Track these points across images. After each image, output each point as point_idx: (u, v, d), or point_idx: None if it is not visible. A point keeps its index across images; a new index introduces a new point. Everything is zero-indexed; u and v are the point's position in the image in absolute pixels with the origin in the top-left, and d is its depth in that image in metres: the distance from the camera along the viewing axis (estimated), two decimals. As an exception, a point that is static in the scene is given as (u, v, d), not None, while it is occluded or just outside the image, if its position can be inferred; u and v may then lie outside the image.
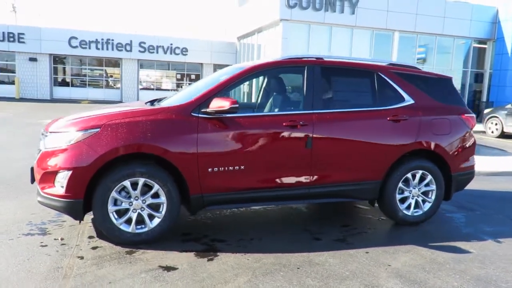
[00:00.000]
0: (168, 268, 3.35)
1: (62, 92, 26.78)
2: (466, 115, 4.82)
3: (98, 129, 3.66)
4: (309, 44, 19.81)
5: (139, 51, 26.51)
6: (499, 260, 3.79)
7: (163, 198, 3.80)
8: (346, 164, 4.29)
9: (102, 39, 25.85)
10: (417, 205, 4.64)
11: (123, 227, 3.75)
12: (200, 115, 3.86)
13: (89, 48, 25.65)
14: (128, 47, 26.31)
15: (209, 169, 3.86)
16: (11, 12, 66.60)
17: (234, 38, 27.50)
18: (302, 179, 4.15)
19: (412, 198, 4.60)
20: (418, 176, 4.57)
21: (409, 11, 20.32)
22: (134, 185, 3.74)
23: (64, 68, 27.42)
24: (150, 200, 3.79)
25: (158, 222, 3.82)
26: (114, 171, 3.66)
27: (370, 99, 4.52)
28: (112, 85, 28.12)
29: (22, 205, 4.78)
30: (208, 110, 3.86)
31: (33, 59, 25.31)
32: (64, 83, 27.31)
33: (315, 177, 4.18)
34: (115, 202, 3.72)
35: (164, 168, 3.80)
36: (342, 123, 4.25)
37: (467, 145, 4.82)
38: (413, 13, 20.41)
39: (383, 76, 4.55)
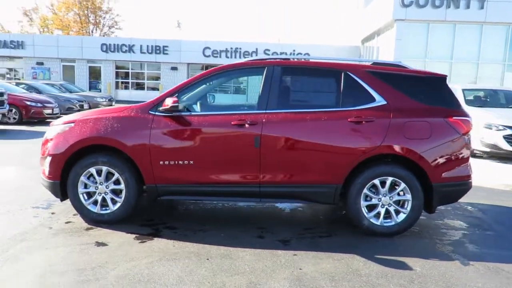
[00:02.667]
0: (100, 244, 3.87)
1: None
2: (455, 118, 4.22)
3: (73, 124, 4.40)
4: (428, 44, 18.33)
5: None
6: (434, 282, 3.32)
7: (122, 185, 4.34)
8: (298, 165, 4.22)
9: (231, 48, 28.04)
10: (389, 215, 4.27)
11: (90, 207, 4.41)
12: (156, 113, 4.30)
13: (220, 57, 28.08)
14: (254, 55, 27.97)
15: (161, 162, 4.27)
16: (176, 27, 75.67)
17: (358, 42, 26.90)
18: (252, 177, 4.24)
19: (382, 207, 4.25)
20: (388, 183, 4.20)
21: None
22: (100, 172, 4.37)
23: (200, 76, 30.50)
24: (112, 186, 4.37)
25: (118, 206, 4.38)
26: (83, 159, 4.35)
27: (333, 100, 4.33)
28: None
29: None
30: (160, 108, 4.28)
31: (174, 68, 28.90)
32: (198, 89, 30.40)
33: (265, 176, 4.23)
34: (85, 186, 4.40)
35: (123, 159, 4.34)
36: (294, 123, 4.20)
37: (455, 152, 4.22)
38: None
39: (352, 76, 4.31)
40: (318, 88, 4.57)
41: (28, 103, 13.87)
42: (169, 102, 4.16)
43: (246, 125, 4.18)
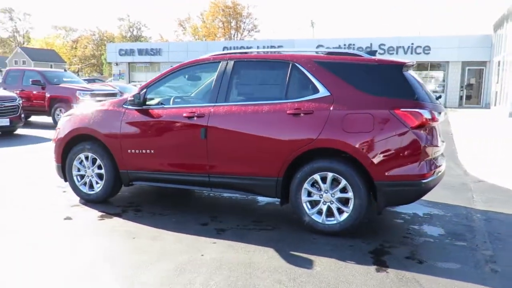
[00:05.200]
0: (68, 218, 4.54)
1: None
2: (403, 109, 3.77)
3: (71, 116, 5.19)
4: None
5: (378, 53, 26.50)
6: (318, 283, 3.11)
7: (103, 170, 4.97)
8: (240, 157, 4.28)
9: (344, 45, 27.40)
10: (331, 213, 4.04)
11: (81, 188, 5.14)
12: (128, 107, 4.81)
13: (332, 54, 27.68)
14: (367, 50, 26.84)
15: (129, 150, 4.77)
16: (310, 27, 76.43)
17: (489, 30, 23.79)
18: (201, 167, 4.45)
19: (324, 204, 4.04)
20: (329, 179, 3.98)
21: None
22: (87, 158, 5.06)
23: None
24: (96, 170, 5.03)
25: (100, 188, 5.02)
26: (75, 146, 5.10)
27: (279, 92, 4.25)
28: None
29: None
30: (128, 102, 4.78)
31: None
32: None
33: (212, 166, 4.40)
34: (78, 169, 5.15)
35: (103, 147, 4.96)
36: (237, 116, 4.26)
37: (401, 148, 3.77)
38: None
39: (299, 67, 4.18)
40: (267, 81, 4.53)
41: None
42: (130, 96, 4.64)
43: (195, 118, 4.41)
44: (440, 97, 4.93)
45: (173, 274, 3.24)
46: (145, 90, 4.76)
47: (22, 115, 11.46)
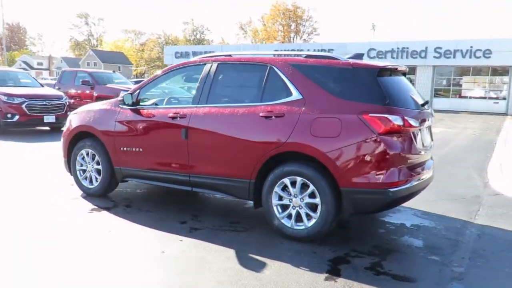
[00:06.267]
0: (67, 209, 4.85)
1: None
2: (371, 115, 3.62)
3: (76, 114, 5.54)
4: None
5: (434, 57, 25.40)
6: (252, 284, 3.09)
7: (100, 166, 5.25)
8: (216, 158, 4.33)
9: (398, 48, 26.45)
10: (300, 218, 3.97)
11: (83, 182, 5.45)
12: (122, 106, 5.05)
13: (385, 57, 26.80)
14: (422, 54, 25.73)
15: (121, 148, 4.99)
16: (370, 30, 74.79)
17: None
18: (182, 166, 4.56)
19: (294, 208, 3.99)
20: (298, 183, 3.92)
21: None
22: (88, 154, 5.36)
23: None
24: (95, 166, 5.32)
25: (98, 183, 5.30)
26: (78, 142, 5.42)
27: (256, 94, 4.25)
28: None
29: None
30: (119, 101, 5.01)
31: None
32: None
33: (192, 166, 4.49)
34: (81, 164, 5.47)
35: (101, 144, 5.22)
36: (214, 117, 4.32)
37: (368, 154, 3.63)
38: None
39: (276, 70, 4.15)
40: (246, 83, 4.53)
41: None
42: (120, 96, 4.86)
43: (178, 118, 4.53)
44: (427, 102, 4.48)
45: (124, 268, 3.37)
46: (138, 91, 4.96)
47: (68, 113, 12.28)
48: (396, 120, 3.62)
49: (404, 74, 4.69)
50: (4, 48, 64.17)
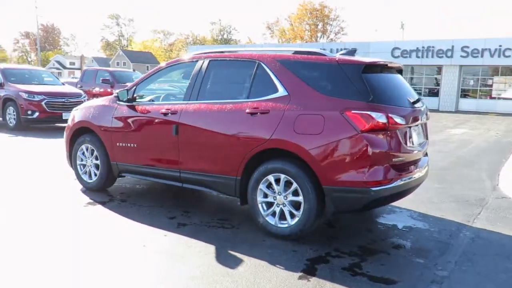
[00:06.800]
0: (63, 202, 4.97)
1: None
2: (353, 112, 3.53)
3: (78, 110, 5.66)
4: None
5: (461, 56, 24.65)
6: (223, 280, 3.07)
7: (99, 161, 5.34)
8: (205, 154, 4.34)
9: (423, 47, 25.81)
10: (284, 216, 3.93)
11: (83, 176, 5.56)
12: (119, 103, 5.12)
13: (410, 57, 26.22)
14: (449, 53, 25.01)
15: (117, 143, 5.07)
16: (400, 29, 73.29)
17: None
18: (173, 162, 4.59)
19: (278, 206, 3.94)
20: (282, 181, 3.87)
21: None
22: (87, 149, 5.47)
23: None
24: (94, 161, 5.42)
25: (97, 178, 5.40)
26: (79, 138, 5.54)
27: (245, 91, 4.22)
28: (431, 92, 27.36)
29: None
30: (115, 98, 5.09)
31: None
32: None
33: (182, 162, 4.51)
34: (81, 159, 5.59)
35: (99, 139, 5.32)
36: (203, 113, 4.32)
37: (350, 152, 3.54)
38: None
39: (264, 66, 4.12)
40: (235, 80, 4.50)
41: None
42: (115, 92, 4.94)
43: (169, 114, 4.56)
44: (419, 100, 4.29)
45: (98, 260, 3.42)
46: (134, 87, 5.03)
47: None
48: (380, 118, 3.52)
49: (400, 71, 4.57)
50: (38, 48, 66.54)
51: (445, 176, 7.02)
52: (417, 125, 4.16)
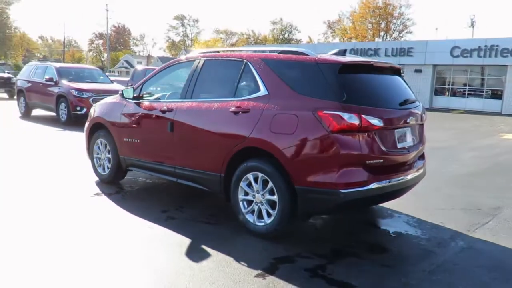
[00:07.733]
0: (76, 191, 5.35)
1: (441, 101, 27.27)
2: (325, 112, 3.47)
3: (96, 106, 6.04)
4: None
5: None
6: (184, 273, 3.17)
7: (110, 155, 5.68)
8: (195, 151, 4.47)
9: (485, 46, 24.18)
10: (262, 214, 3.95)
11: (98, 169, 5.93)
12: (128, 100, 5.41)
13: (470, 56, 24.69)
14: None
15: (124, 139, 5.36)
16: (469, 27, 69.61)
17: None
18: (169, 158, 4.78)
19: (256, 204, 3.98)
20: (259, 179, 3.91)
21: None
22: (102, 143, 5.83)
23: (445, 78, 27.66)
24: (107, 155, 5.76)
25: (109, 170, 5.73)
26: (95, 133, 5.92)
27: (232, 90, 4.29)
28: (493, 94, 25.55)
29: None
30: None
31: (418, 71, 27.30)
32: (443, 93, 27.62)
33: (177, 158, 4.69)
34: (97, 153, 5.95)
35: (110, 134, 5.64)
36: (194, 111, 4.45)
37: (321, 152, 3.49)
38: None
39: (249, 65, 4.17)
40: (225, 79, 4.55)
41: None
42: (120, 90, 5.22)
43: (166, 112, 4.75)
44: (407, 101, 4.00)
45: (76, 248, 3.67)
46: (141, 86, 5.28)
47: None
48: (351, 119, 3.44)
49: (397, 71, 4.42)
50: (108, 48, 70.74)
51: (472, 182, 6.64)
52: (406, 127, 4.00)
